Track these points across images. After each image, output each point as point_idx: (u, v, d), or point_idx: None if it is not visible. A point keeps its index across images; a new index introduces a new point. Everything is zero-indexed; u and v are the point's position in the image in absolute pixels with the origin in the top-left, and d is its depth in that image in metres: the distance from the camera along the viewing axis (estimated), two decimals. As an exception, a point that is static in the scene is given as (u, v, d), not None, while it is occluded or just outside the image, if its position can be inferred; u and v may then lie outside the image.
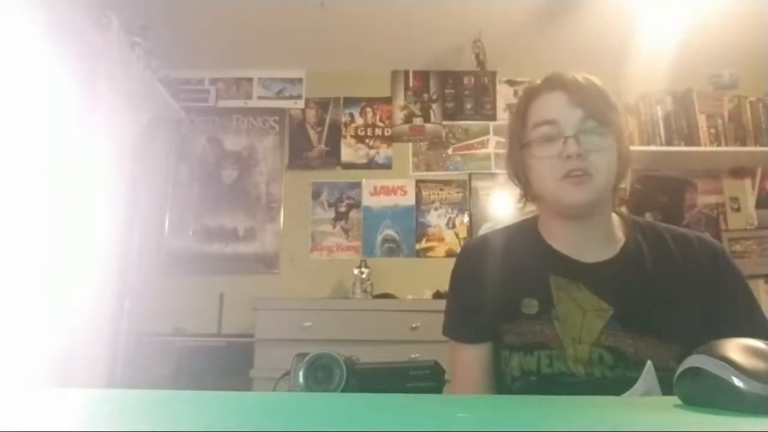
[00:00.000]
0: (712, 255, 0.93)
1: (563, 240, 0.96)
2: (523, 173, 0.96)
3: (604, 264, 0.92)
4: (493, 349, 0.96)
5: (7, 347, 1.69)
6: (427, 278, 2.71)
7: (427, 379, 0.73)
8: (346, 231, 2.91)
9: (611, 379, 0.85)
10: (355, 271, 2.63)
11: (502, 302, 0.94)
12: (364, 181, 2.97)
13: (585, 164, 0.86)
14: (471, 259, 1.03)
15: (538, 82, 0.97)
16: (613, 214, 0.98)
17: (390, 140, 3.02)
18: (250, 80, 3.07)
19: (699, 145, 2.70)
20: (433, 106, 3.06)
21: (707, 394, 0.46)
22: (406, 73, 3.09)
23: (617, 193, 0.99)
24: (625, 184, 1.03)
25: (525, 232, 1.02)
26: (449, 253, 2.88)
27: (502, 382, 0.94)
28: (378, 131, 3.04)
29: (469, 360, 0.98)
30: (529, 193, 0.98)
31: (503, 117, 3.05)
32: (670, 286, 0.90)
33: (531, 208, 1.04)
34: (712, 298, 0.89)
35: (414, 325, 2.27)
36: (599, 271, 0.91)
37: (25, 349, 1.76)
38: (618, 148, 0.90)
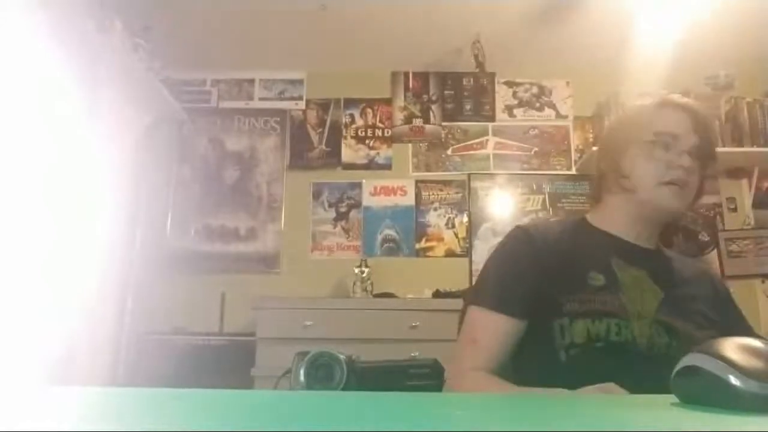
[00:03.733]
0: (708, 272, 1.13)
1: (621, 230, 1.06)
2: (625, 166, 1.05)
3: (655, 252, 1.06)
4: (526, 327, 0.98)
5: (10, 346, 1.69)
6: (426, 278, 2.72)
7: (427, 377, 0.73)
8: (346, 231, 2.91)
9: (668, 356, 0.86)
10: (356, 271, 2.64)
11: (568, 275, 0.99)
12: (364, 181, 2.97)
13: (687, 179, 1.00)
14: (526, 240, 1.05)
15: (670, 98, 1.08)
16: None
17: (390, 141, 3.03)
18: (251, 81, 3.08)
19: (697, 145, 2.70)
20: (433, 107, 3.07)
21: (705, 392, 0.46)
22: (406, 74, 3.10)
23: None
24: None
25: (577, 224, 1.12)
26: (449, 253, 2.88)
27: (546, 354, 0.94)
28: (378, 132, 3.04)
29: (496, 331, 0.98)
30: (616, 186, 1.05)
31: (502, 118, 3.05)
32: (701, 288, 1.04)
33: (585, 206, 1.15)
34: (721, 308, 1.04)
35: (414, 323, 2.27)
36: (653, 258, 1.04)
37: (28, 348, 1.76)
38: (704, 176, 1.04)
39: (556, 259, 1.00)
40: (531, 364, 0.97)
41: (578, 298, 0.96)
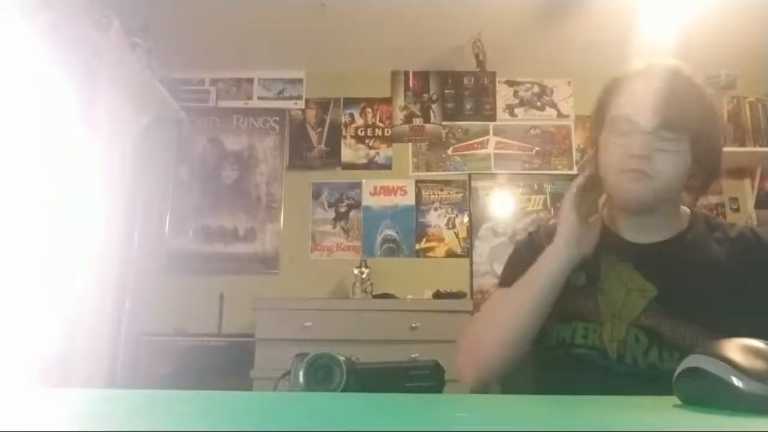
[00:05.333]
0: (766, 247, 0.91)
1: (621, 222, 0.98)
2: (597, 154, 0.98)
3: (655, 245, 0.94)
4: None
5: (8, 347, 1.69)
6: (427, 278, 2.71)
7: (428, 378, 0.73)
8: (346, 231, 2.91)
9: (641, 370, 0.85)
10: (355, 271, 2.63)
11: None
12: (364, 181, 2.97)
13: (648, 167, 0.87)
14: (538, 234, 1.06)
15: (631, 70, 0.97)
16: (684, 208, 0.98)
17: (390, 140, 3.03)
18: (250, 81, 3.07)
19: (698, 145, 2.70)
20: (433, 106, 3.06)
21: (707, 393, 0.46)
22: (406, 73, 3.09)
23: (698, 194, 1.00)
24: (711, 186, 1.02)
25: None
26: (449, 253, 2.88)
27: (538, 353, 0.95)
28: (378, 131, 3.04)
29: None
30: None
31: (503, 117, 3.05)
32: (722, 278, 0.89)
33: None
34: (759, 290, 0.87)
35: (414, 324, 2.27)
36: (650, 252, 0.93)
37: (26, 349, 1.76)
38: (695, 152, 0.89)
39: None
40: (538, 357, 0.97)
41: (562, 296, 0.93)
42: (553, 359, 0.92)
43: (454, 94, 3.06)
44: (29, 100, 1.86)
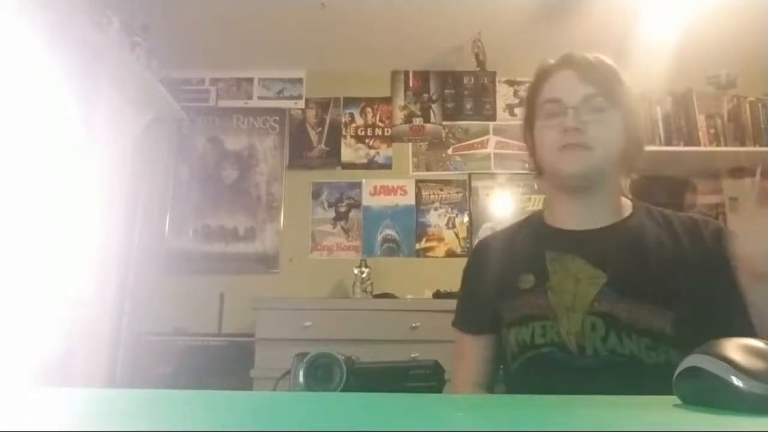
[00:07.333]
0: (716, 232, 0.91)
1: (564, 214, 0.98)
2: (532, 147, 1.00)
3: (599, 231, 0.94)
4: (495, 339, 0.99)
5: (8, 346, 1.69)
6: (427, 278, 2.71)
7: (427, 378, 0.73)
8: (346, 231, 2.91)
9: (603, 358, 0.85)
10: (355, 271, 2.63)
11: (501, 283, 0.97)
12: (364, 181, 2.97)
13: (583, 138, 0.90)
14: (478, 252, 1.09)
15: (552, 61, 1.00)
16: (625, 198, 0.99)
17: (390, 140, 3.03)
18: (250, 80, 3.07)
19: (698, 145, 2.70)
20: (433, 106, 3.06)
21: (707, 393, 0.46)
22: (406, 73, 3.09)
23: (627, 173, 1.01)
24: (638, 167, 1.01)
25: (530, 221, 1.06)
26: (449, 253, 2.88)
27: (506, 367, 0.97)
28: (378, 131, 3.04)
29: (469, 351, 1.02)
30: (536, 168, 1.01)
31: (503, 117, 3.05)
32: (670, 258, 0.89)
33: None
34: (711, 270, 0.86)
35: (414, 324, 2.26)
36: (594, 239, 0.93)
37: (26, 349, 1.76)
38: (626, 125, 0.92)
39: (497, 268, 1.00)
40: (506, 371, 0.99)
41: (511, 305, 0.95)
42: (517, 368, 0.92)
43: (454, 94, 3.06)
44: (29, 100, 1.85)
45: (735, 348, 0.47)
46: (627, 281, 0.88)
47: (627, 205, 0.99)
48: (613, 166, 0.93)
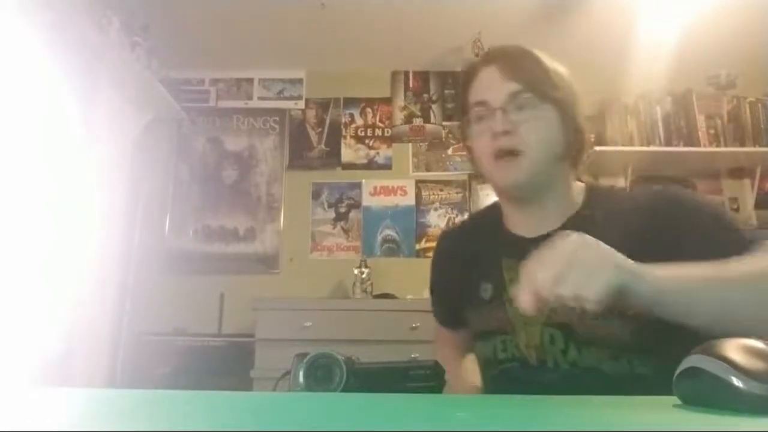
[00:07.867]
0: (667, 204, 0.82)
1: (515, 220, 0.92)
2: (471, 154, 0.93)
3: (548, 236, 0.82)
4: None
5: (8, 346, 1.69)
6: (426, 278, 2.69)
7: (427, 379, 0.73)
8: (346, 231, 2.91)
9: (564, 371, 0.81)
10: (355, 271, 2.63)
11: (463, 287, 0.93)
12: (364, 181, 2.97)
13: (514, 141, 0.82)
14: (441, 246, 1.06)
15: (476, 58, 0.95)
16: (579, 183, 0.92)
17: (390, 141, 3.03)
18: (250, 81, 3.07)
19: (698, 145, 2.70)
20: (433, 106, 3.06)
21: (707, 394, 0.46)
22: (406, 73, 3.09)
23: (575, 166, 0.90)
24: (585, 158, 0.93)
25: (488, 217, 0.99)
26: (449, 254, 2.88)
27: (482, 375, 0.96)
28: (378, 132, 3.04)
29: (450, 339, 1.02)
30: (480, 175, 0.94)
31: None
32: (621, 248, 0.75)
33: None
34: (668, 247, 0.74)
35: (414, 325, 2.26)
36: (544, 246, 0.85)
37: (26, 349, 1.76)
38: (562, 118, 0.84)
39: (458, 269, 0.95)
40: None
41: (475, 316, 0.91)
42: (487, 382, 0.91)
43: (454, 94, 3.06)
44: (29, 100, 1.85)
45: (735, 348, 0.47)
46: None
47: (579, 190, 0.90)
48: (554, 166, 0.85)
